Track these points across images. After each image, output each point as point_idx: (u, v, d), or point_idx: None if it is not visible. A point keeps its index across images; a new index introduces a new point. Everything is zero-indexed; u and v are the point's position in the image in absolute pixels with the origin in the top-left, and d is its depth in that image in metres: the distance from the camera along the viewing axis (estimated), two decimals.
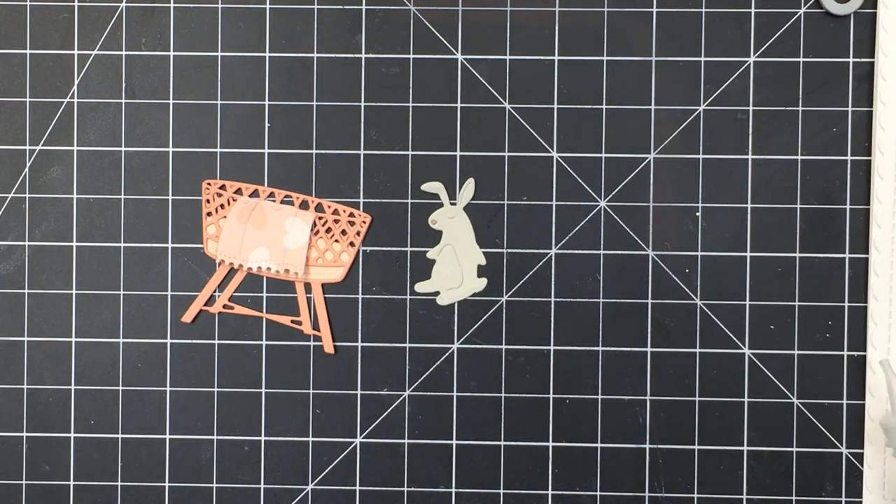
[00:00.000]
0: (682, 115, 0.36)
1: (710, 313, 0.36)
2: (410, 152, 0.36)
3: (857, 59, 0.36)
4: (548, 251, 0.36)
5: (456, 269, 0.36)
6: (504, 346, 0.36)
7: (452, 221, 0.36)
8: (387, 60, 0.36)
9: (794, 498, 0.36)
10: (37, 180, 0.36)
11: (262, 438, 0.36)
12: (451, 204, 0.36)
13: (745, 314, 0.36)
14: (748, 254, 0.36)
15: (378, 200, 0.36)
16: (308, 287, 0.36)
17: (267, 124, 0.36)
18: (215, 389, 0.36)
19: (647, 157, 0.36)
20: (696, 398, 0.36)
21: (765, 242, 0.36)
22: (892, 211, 0.35)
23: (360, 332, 0.36)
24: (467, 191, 0.36)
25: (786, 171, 0.36)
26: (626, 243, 0.36)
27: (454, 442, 0.36)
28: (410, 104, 0.36)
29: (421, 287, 0.36)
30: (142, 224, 0.36)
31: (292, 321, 0.36)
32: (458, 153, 0.36)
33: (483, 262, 0.36)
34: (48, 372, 0.37)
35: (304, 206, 0.36)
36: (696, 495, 0.36)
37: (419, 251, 0.36)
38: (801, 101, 0.36)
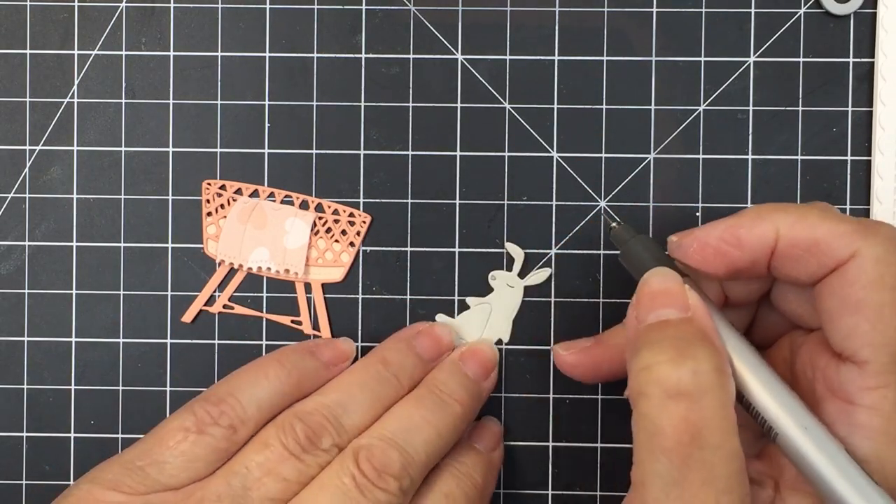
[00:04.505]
0: (682, 115, 0.36)
1: None
2: (410, 152, 0.36)
3: (857, 59, 0.36)
4: (548, 251, 0.36)
5: (479, 329, 0.36)
6: (504, 347, 0.36)
7: (508, 290, 0.36)
8: (387, 60, 0.36)
9: None
10: (37, 180, 0.36)
11: None
12: (518, 276, 0.36)
13: None
14: None
15: (378, 200, 0.36)
16: (308, 287, 0.36)
17: (267, 124, 0.36)
18: None
19: (647, 157, 0.36)
20: None
21: None
22: (892, 211, 0.35)
23: (360, 332, 0.36)
24: (537, 276, 0.36)
25: (786, 171, 0.36)
26: None
27: None
28: (410, 104, 0.36)
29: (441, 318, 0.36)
30: (142, 224, 0.36)
31: (292, 321, 0.36)
32: (458, 153, 0.36)
33: (506, 340, 0.36)
34: (48, 372, 0.37)
35: (304, 206, 0.36)
36: None
37: (419, 251, 0.36)
38: (801, 101, 0.36)
